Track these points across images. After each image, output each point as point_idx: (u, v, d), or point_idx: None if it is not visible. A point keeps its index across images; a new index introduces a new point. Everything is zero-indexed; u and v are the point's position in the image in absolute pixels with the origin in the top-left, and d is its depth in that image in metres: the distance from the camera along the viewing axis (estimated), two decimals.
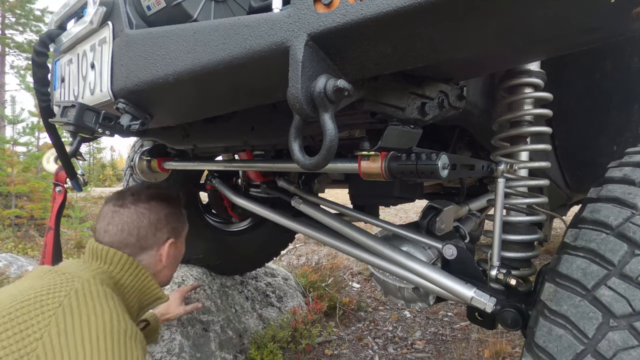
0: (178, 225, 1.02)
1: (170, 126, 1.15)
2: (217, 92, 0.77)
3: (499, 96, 1.03)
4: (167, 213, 1.00)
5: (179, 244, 1.03)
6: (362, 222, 1.36)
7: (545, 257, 3.75)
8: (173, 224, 1.00)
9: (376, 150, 0.78)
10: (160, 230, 0.96)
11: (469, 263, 0.98)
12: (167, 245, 0.97)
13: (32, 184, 5.93)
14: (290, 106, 0.55)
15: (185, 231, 1.08)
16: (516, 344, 2.28)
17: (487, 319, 0.93)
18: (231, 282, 2.43)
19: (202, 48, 0.65)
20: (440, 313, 2.88)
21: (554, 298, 0.66)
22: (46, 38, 1.01)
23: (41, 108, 1.07)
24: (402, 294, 1.20)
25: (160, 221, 0.97)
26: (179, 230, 1.02)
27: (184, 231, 1.07)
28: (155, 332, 1.45)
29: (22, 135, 6.67)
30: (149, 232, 0.94)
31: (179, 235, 1.02)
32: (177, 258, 1.04)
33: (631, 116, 1.21)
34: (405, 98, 0.78)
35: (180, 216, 1.04)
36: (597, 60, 1.16)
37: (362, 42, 0.53)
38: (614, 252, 0.62)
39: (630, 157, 0.77)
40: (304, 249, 4.37)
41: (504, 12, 0.48)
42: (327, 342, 2.41)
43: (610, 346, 0.56)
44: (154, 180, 1.66)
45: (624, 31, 0.60)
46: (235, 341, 2.06)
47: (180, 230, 1.04)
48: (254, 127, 1.07)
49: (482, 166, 0.96)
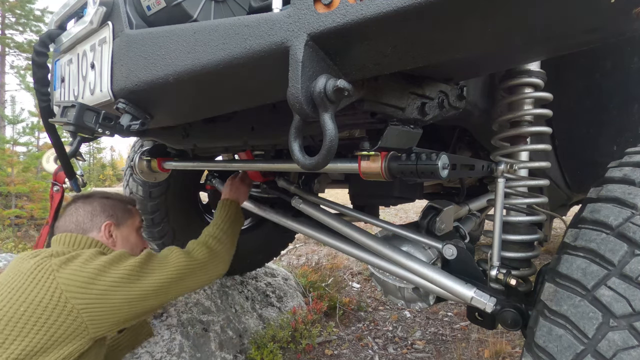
0: (116, 213, 1.23)
1: (170, 126, 1.15)
2: (217, 92, 0.77)
3: (499, 96, 1.03)
4: (103, 204, 1.21)
5: (123, 228, 1.24)
6: (362, 222, 1.36)
7: (545, 257, 3.76)
8: (110, 211, 1.21)
9: (376, 150, 0.78)
10: (97, 216, 1.18)
11: (469, 263, 0.98)
12: (104, 226, 1.17)
13: (32, 184, 5.93)
14: (290, 106, 0.55)
15: (131, 220, 1.28)
16: (516, 344, 2.28)
17: (487, 319, 0.93)
18: (231, 282, 2.43)
19: (202, 48, 0.65)
20: (440, 313, 2.88)
21: (554, 298, 0.66)
22: (46, 38, 1.00)
23: (41, 108, 1.07)
24: (402, 294, 1.20)
25: (96, 209, 1.19)
26: (118, 217, 1.23)
27: (129, 220, 1.27)
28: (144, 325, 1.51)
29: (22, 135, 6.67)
30: (85, 219, 1.16)
31: (119, 221, 1.23)
32: (127, 240, 1.24)
33: (631, 116, 1.21)
34: (405, 98, 0.78)
35: (119, 207, 1.25)
36: (597, 60, 1.16)
37: (362, 42, 0.53)
38: (614, 252, 0.61)
39: (630, 157, 0.77)
40: (304, 249, 4.37)
41: (504, 12, 0.48)
42: (327, 342, 2.41)
43: (610, 346, 0.56)
44: (154, 180, 1.66)
45: (624, 31, 0.60)
46: (235, 341, 2.06)
47: (121, 217, 1.24)
48: (254, 127, 1.07)
49: (482, 166, 0.96)
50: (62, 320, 0.90)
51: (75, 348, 0.92)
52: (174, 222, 1.98)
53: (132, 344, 1.48)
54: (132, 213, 1.31)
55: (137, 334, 1.48)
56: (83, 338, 0.93)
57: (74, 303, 0.91)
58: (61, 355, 0.90)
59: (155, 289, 1.04)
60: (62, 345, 0.90)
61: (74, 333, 0.92)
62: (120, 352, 1.42)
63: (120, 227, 1.23)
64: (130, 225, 1.28)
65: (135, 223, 1.30)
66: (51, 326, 0.89)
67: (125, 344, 1.43)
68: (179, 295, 1.15)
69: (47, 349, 0.88)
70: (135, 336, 1.48)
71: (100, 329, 0.96)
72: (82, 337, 0.93)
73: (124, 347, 1.43)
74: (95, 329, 0.95)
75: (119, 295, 0.97)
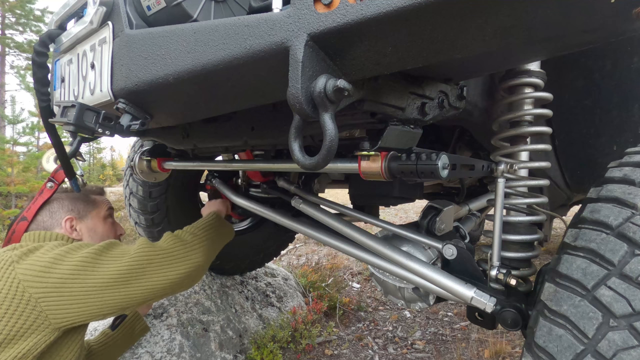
0: (76, 207, 1.24)
1: (170, 126, 1.15)
2: (217, 92, 0.77)
3: (499, 96, 1.03)
4: (60, 201, 1.23)
5: (87, 220, 1.25)
6: (362, 222, 1.36)
7: (545, 257, 3.76)
8: (69, 206, 1.23)
9: (376, 150, 0.78)
10: (55, 213, 1.21)
11: (469, 263, 0.98)
12: (64, 221, 1.19)
13: (32, 184, 5.93)
14: (290, 106, 0.55)
15: (96, 211, 1.29)
16: (516, 344, 2.28)
17: (487, 319, 0.93)
18: (231, 282, 2.43)
19: (202, 48, 0.65)
20: (440, 313, 2.88)
21: (554, 298, 0.66)
22: (46, 38, 1.00)
23: (41, 108, 1.07)
24: (402, 294, 1.20)
25: (53, 207, 1.22)
26: (79, 210, 1.25)
27: (93, 211, 1.28)
28: (138, 320, 1.53)
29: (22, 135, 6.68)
30: (45, 217, 1.20)
31: (81, 214, 1.25)
32: (93, 231, 1.25)
33: (631, 116, 1.21)
34: (405, 98, 0.78)
35: (79, 200, 1.27)
36: (597, 60, 1.16)
37: (362, 42, 0.53)
38: (614, 252, 0.61)
39: (630, 157, 0.77)
40: (304, 249, 4.37)
41: (504, 12, 0.48)
42: (327, 342, 2.41)
43: (610, 346, 0.56)
44: (154, 180, 1.66)
45: (624, 31, 0.60)
46: (235, 341, 2.06)
47: (83, 209, 1.26)
48: (254, 127, 1.07)
49: (482, 166, 0.96)
50: (22, 310, 0.90)
51: (40, 339, 0.92)
52: (174, 222, 1.98)
53: (128, 340, 1.49)
54: (96, 203, 1.30)
55: (131, 329, 1.49)
56: (46, 328, 0.93)
57: (32, 292, 0.91)
58: (26, 347, 0.90)
59: (113, 278, 0.99)
60: (25, 336, 0.91)
61: (35, 323, 0.92)
62: (117, 349, 1.43)
63: (83, 219, 1.24)
64: (94, 216, 1.27)
65: (100, 213, 1.29)
66: (11, 316, 0.89)
67: (120, 340, 1.44)
68: (147, 294, 1.06)
69: (10, 340, 0.89)
70: (130, 332, 1.49)
71: (62, 319, 0.95)
72: (44, 327, 0.93)
73: (120, 343, 1.44)
74: (57, 319, 0.94)
75: (77, 283, 0.96)
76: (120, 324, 1.47)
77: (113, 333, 1.43)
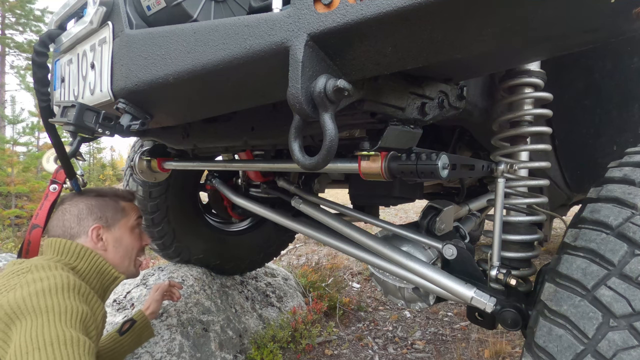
0: (105, 214, 1.17)
1: (170, 126, 1.15)
2: (217, 92, 0.77)
3: (499, 96, 1.03)
4: (90, 205, 1.16)
5: (114, 229, 1.18)
6: (362, 222, 1.36)
7: (545, 257, 3.76)
8: (98, 213, 1.16)
9: (376, 150, 0.78)
10: (84, 219, 1.13)
11: (469, 263, 0.98)
12: (91, 230, 1.12)
13: (32, 184, 5.93)
14: (290, 106, 0.55)
15: (124, 220, 1.22)
16: (516, 344, 2.28)
17: (487, 319, 0.93)
18: (231, 282, 2.43)
19: (202, 48, 0.65)
20: (440, 313, 2.88)
21: (554, 298, 0.66)
22: (46, 38, 1.00)
23: (41, 108, 1.06)
24: (402, 294, 1.20)
25: (82, 212, 1.14)
26: (107, 218, 1.17)
27: (122, 220, 1.21)
28: (146, 327, 1.51)
29: (22, 135, 6.68)
30: (72, 223, 1.12)
31: (110, 222, 1.18)
32: (119, 242, 1.18)
33: (631, 116, 1.21)
34: (405, 98, 0.78)
35: (109, 207, 1.19)
36: (597, 60, 1.16)
37: (362, 42, 0.53)
38: (614, 252, 0.61)
39: (630, 157, 0.77)
40: (304, 249, 4.37)
41: (504, 12, 0.48)
42: (327, 342, 2.41)
43: (610, 346, 0.56)
44: (154, 180, 1.66)
45: (624, 31, 0.60)
46: (235, 341, 2.06)
47: (111, 218, 1.18)
48: (254, 127, 1.07)
49: (482, 166, 0.96)
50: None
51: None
52: (174, 222, 1.98)
53: (134, 345, 1.48)
54: (126, 211, 1.24)
55: (139, 335, 1.49)
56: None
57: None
58: None
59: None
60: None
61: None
62: (123, 354, 1.43)
63: (110, 228, 1.17)
64: (123, 225, 1.21)
65: (129, 222, 1.24)
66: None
67: (127, 345, 1.43)
68: None
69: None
70: (138, 338, 1.48)
71: None
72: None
73: (126, 349, 1.43)
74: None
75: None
76: (129, 330, 1.45)
77: (121, 338, 1.41)
